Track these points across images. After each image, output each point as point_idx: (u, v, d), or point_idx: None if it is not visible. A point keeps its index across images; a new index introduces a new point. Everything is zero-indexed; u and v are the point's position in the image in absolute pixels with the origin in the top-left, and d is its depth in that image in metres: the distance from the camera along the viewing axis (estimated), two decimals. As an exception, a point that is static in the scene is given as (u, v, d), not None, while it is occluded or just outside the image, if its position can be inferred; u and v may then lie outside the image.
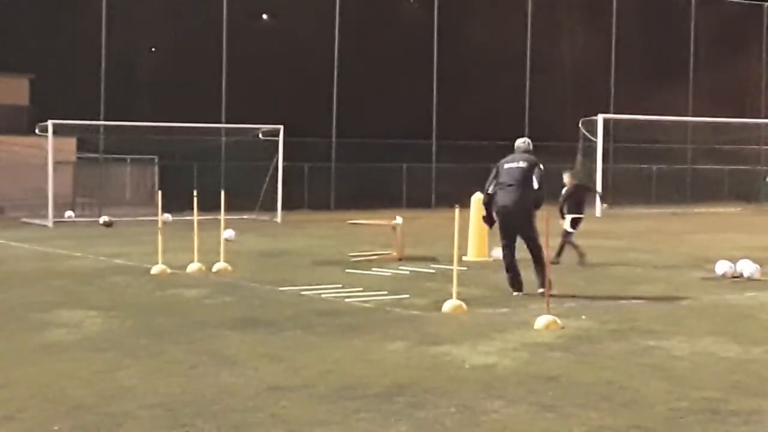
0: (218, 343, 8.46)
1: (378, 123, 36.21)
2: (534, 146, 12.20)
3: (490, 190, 11.69)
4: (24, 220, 27.99)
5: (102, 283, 12.97)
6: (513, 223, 11.52)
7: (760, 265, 13.50)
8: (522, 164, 11.57)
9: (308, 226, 26.11)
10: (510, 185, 11.49)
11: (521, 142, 12.06)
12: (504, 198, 11.52)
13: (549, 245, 10.19)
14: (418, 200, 36.23)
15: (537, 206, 11.53)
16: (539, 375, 7.13)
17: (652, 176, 40.22)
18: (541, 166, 11.62)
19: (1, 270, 14.71)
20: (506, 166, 11.68)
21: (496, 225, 11.88)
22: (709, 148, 40.42)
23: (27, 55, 34.28)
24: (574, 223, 15.28)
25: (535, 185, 11.41)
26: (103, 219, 26.69)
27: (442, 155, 37.86)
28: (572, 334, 8.85)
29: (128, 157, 34.06)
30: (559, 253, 15.06)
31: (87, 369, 7.37)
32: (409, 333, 8.91)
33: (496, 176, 11.67)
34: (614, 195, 36.52)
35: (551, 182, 12.35)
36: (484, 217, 11.95)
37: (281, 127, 29.02)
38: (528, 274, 11.65)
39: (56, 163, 27.62)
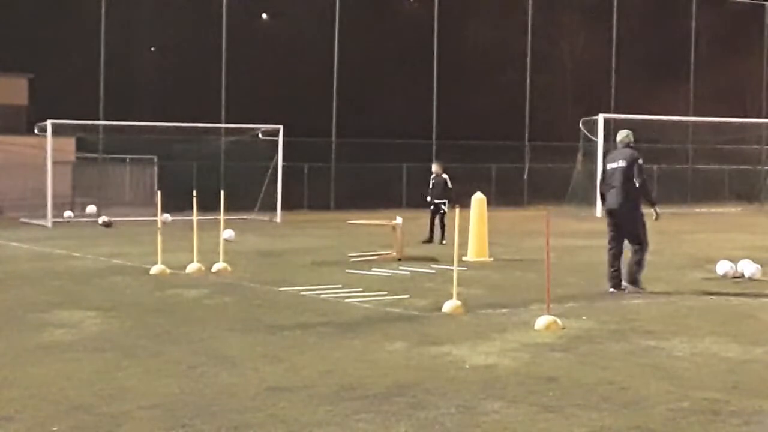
0: (218, 343, 8.44)
1: (378, 123, 36.19)
2: (534, 146, 12.25)
3: (601, 189, 12.08)
4: (23, 220, 27.95)
5: (101, 283, 12.95)
6: (619, 223, 11.76)
7: (761, 265, 13.47)
8: (621, 164, 11.74)
9: (308, 226, 26.08)
10: (614, 187, 11.73)
11: (623, 136, 12.16)
12: (610, 200, 11.81)
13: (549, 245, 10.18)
14: (418, 200, 36.16)
15: (649, 199, 11.82)
16: (540, 375, 7.11)
17: (652, 176, 40.16)
18: (641, 161, 11.73)
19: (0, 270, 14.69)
20: (609, 166, 11.92)
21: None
22: (709, 147, 40.41)
23: (26, 55, 34.28)
24: (441, 206, 19.49)
25: (637, 183, 11.61)
26: (102, 219, 26.64)
27: (442, 155, 37.79)
28: (573, 334, 8.83)
29: (127, 157, 34.03)
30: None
31: (86, 369, 7.35)
32: (409, 333, 8.88)
33: (604, 177, 11.95)
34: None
35: (553, 181, 12.33)
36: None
37: (281, 127, 29.00)
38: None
39: (55, 163, 27.59)
